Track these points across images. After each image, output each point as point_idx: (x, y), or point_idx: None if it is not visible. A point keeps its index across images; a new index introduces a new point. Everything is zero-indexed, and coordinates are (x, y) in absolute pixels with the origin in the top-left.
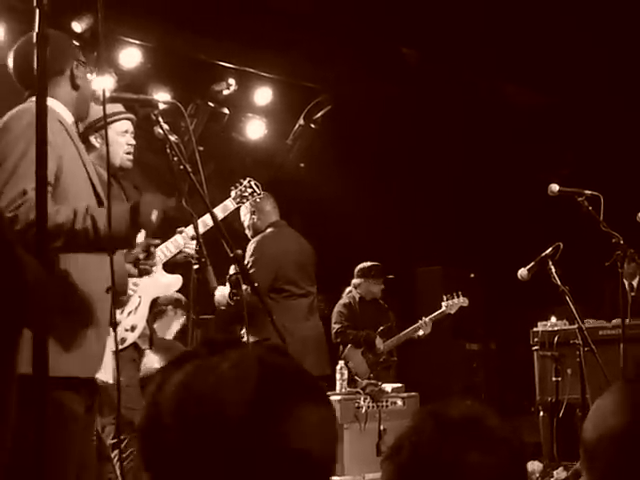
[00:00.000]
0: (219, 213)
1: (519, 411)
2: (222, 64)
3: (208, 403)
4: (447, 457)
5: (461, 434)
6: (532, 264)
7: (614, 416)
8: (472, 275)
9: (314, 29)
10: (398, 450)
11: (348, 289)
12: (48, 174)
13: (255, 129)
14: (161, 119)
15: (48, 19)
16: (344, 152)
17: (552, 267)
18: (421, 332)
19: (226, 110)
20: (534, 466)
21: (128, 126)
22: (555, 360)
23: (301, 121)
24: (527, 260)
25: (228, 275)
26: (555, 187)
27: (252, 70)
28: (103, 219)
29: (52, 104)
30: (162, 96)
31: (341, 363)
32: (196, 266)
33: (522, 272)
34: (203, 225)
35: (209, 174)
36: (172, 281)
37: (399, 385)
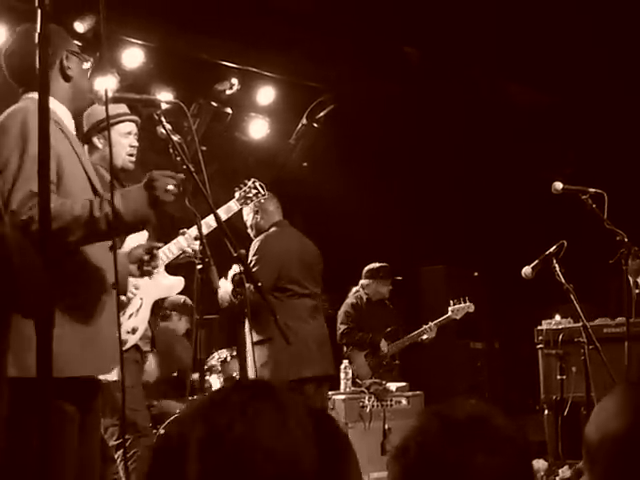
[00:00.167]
0: (223, 214)
1: (523, 410)
2: (225, 64)
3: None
4: (453, 457)
5: (467, 434)
6: (536, 262)
7: (616, 418)
8: (476, 274)
9: (316, 28)
10: (404, 450)
11: (355, 289)
12: (50, 173)
13: (258, 128)
14: (164, 119)
15: (50, 19)
16: (347, 151)
17: (556, 265)
18: (425, 336)
19: (229, 110)
20: (539, 464)
21: (132, 128)
22: (560, 358)
23: (304, 120)
24: (531, 258)
25: (232, 274)
26: (559, 185)
27: (255, 70)
28: (120, 202)
29: None
30: (165, 96)
31: (345, 362)
32: (199, 266)
33: (526, 270)
34: (207, 226)
35: (212, 174)
36: (174, 283)
37: (403, 384)
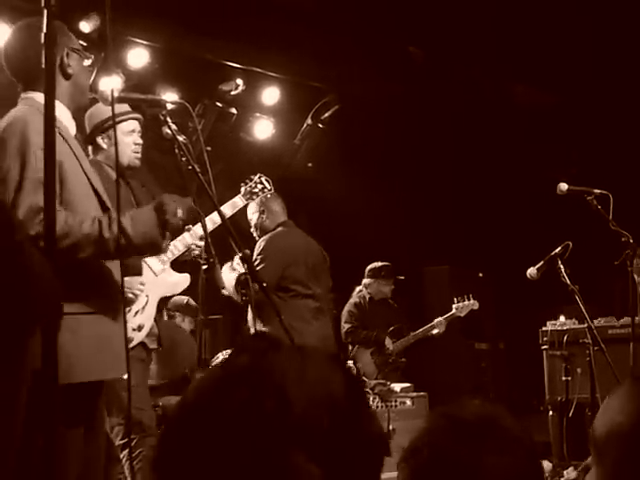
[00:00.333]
0: (228, 210)
1: (528, 410)
2: (229, 64)
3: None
4: (465, 458)
5: (477, 435)
6: (541, 263)
7: (623, 412)
8: (480, 274)
9: (321, 29)
10: (414, 452)
11: (358, 289)
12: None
13: (263, 129)
14: (169, 119)
15: (56, 19)
16: (351, 152)
17: (561, 266)
18: (436, 330)
19: (234, 110)
20: (544, 466)
21: (135, 125)
22: (564, 359)
23: (309, 121)
24: (536, 259)
25: (238, 275)
26: (564, 186)
27: (260, 70)
28: (129, 223)
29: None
30: (170, 96)
31: (349, 363)
32: (205, 266)
33: (531, 271)
34: (212, 223)
35: (217, 174)
36: (180, 280)
37: (408, 385)
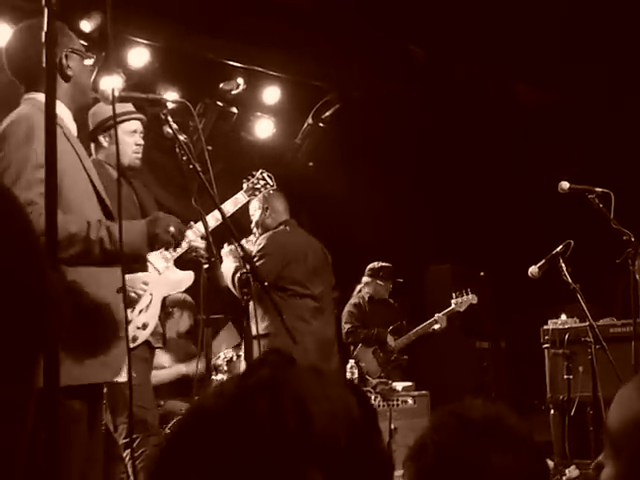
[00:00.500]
0: (230, 207)
1: (529, 409)
2: (230, 63)
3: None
4: (471, 457)
5: (484, 434)
6: (543, 262)
7: (638, 403)
8: (482, 273)
9: (322, 28)
10: (420, 450)
11: (358, 287)
12: (57, 179)
13: (264, 128)
14: (170, 118)
15: (57, 19)
16: (352, 151)
17: (563, 265)
18: (437, 326)
19: (235, 109)
20: None
21: (137, 126)
22: (566, 358)
23: (310, 120)
24: (538, 258)
25: (235, 267)
26: (565, 184)
27: (260, 69)
28: (117, 230)
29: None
30: (170, 95)
31: (351, 362)
32: (206, 265)
33: (533, 270)
34: (215, 220)
35: (218, 173)
36: (184, 278)
37: (409, 384)
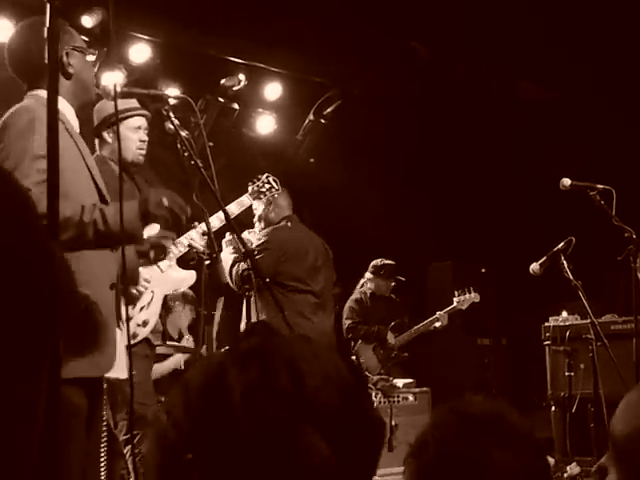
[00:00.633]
0: (235, 209)
1: (530, 406)
2: (232, 59)
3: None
4: (472, 454)
5: (485, 430)
6: (544, 259)
7: None
8: (483, 270)
9: (323, 24)
10: (421, 447)
11: (361, 282)
12: (58, 172)
13: (265, 124)
14: (172, 114)
15: (59, 14)
16: (354, 147)
17: (564, 262)
18: (438, 323)
19: (236, 105)
20: None
21: (142, 122)
22: (567, 355)
23: (311, 116)
24: (539, 255)
25: (233, 259)
26: (567, 181)
27: (262, 65)
28: (111, 212)
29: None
30: (172, 91)
31: (352, 358)
32: (207, 262)
33: (534, 267)
34: (218, 220)
35: (219, 169)
36: (186, 276)
37: (410, 380)
